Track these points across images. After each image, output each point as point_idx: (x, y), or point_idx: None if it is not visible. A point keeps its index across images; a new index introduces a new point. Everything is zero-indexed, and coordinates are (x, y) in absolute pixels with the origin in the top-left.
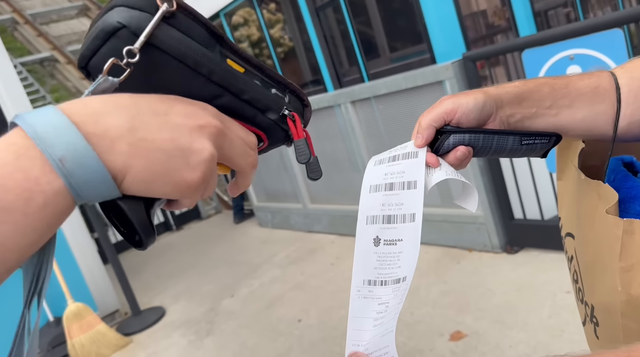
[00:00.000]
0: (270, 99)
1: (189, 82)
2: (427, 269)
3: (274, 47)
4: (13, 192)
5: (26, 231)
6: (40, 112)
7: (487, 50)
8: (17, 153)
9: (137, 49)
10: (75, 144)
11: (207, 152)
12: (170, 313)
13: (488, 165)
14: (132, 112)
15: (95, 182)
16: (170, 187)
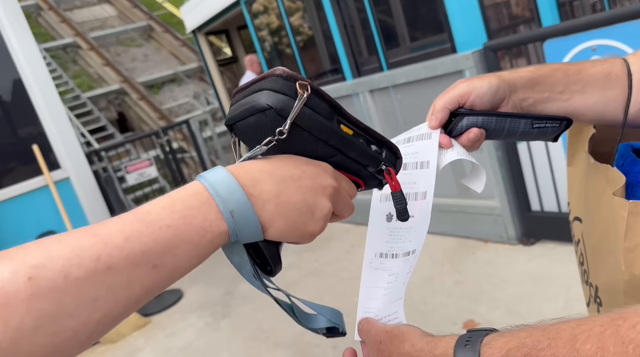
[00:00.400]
0: (370, 155)
1: (313, 146)
2: (441, 259)
3: (293, 36)
4: (194, 228)
5: (193, 258)
6: (217, 173)
7: (508, 40)
8: (201, 201)
9: (286, 130)
10: (242, 202)
11: (327, 209)
12: (188, 296)
13: (506, 156)
14: (278, 180)
15: (250, 230)
16: (298, 235)
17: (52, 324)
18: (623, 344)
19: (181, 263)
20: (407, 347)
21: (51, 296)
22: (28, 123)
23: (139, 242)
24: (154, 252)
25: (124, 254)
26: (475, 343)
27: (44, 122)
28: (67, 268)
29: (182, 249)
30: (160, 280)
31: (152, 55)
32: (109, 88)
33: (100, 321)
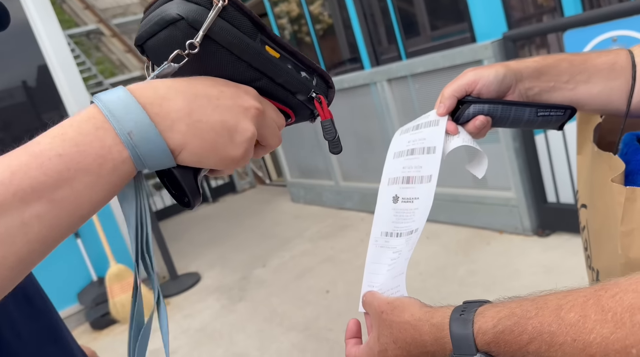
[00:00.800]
0: (300, 82)
1: (233, 67)
2: (455, 248)
3: (313, 24)
4: (91, 157)
5: (96, 190)
6: (114, 92)
7: (527, 30)
8: (95, 125)
9: (197, 43)
10: (142, 122)
11: (249, 132)
12: (205, 279)
13: (523, 147)
14: (190, 97)
15: (156, 154)
16: (217, 160)
17: None
18: (603, 312)
19: (83, 196)
20: (406, 317)
21: None
22: (53, 108)
23: (27, 176)
24: (46, 186)
25: (11, 191)
26: (470, 313)
27: (69, 107)
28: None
29: (79, 180)
30: (60, 215)
31: None
32: (131, 75)
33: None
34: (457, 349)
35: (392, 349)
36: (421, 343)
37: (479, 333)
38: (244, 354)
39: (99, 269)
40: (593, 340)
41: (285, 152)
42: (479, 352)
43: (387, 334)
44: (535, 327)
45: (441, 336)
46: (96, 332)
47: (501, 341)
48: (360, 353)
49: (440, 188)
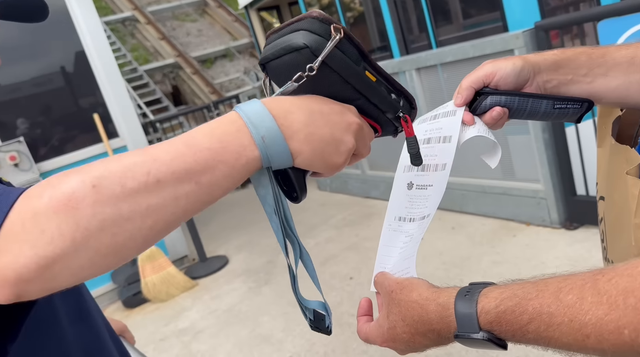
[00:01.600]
0: (390, 102)
1: (339, 88)
2: (480, 239)
3: (343, 12)
4: (230, 152)
5: (229, 179)
6: (252, 104)
7: (560, 19)
8: (237, 128)
9: (316, 67)
10: (273, 129)
11: (351, 144)
12: (233, 262)
13: (553, 138)
14: (308, 113)
15: (281, 155)
16: (323, 166)
17: (113, 226)
18: (599, 295)
19: (219, 182)
20: (414, 296)
21: (111, 202)
22: (89, 93)
23: (183, 161)
24: (195, 171)
25: (170, 170)
26: (474, 293)
27: (105, 92)
28: (123, 180)
29: (219, 169)
30: (201, 195)
31: (206, 30)
32: (164, 62)
33: (152, 226)
34: (461, 327)
35: (401, 327)
36: (427, 321)
37: (482, 312)
38: (269, 335)
39: None
40: (588, 321)
41: None
42: (481, 331)
43: (396, 312)
44: (535, 308)
45: (446, 315)
46: (128, 311)
47: (503, 321)
48: (371, 329)
49: (467, 179)
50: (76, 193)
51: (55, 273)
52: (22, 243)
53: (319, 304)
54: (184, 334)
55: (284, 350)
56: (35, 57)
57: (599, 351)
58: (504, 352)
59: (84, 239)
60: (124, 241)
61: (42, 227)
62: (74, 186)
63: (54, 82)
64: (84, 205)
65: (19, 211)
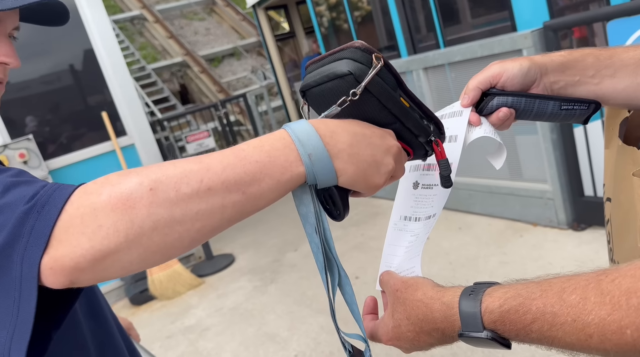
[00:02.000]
0: (422, 127)
1: (378, 112)
2: (488, 240)
3: (351, 11)
4: (277, 166)
5: (274, 191)
6: (300, 124)
7: (569, 19)
8: (284, 144)
9: (359, 92)
10: (319, 148)
11: (391, 166)
12: (239, 260)
13: (561, 139)
14: (351, 134)
15: (326, 173)
16: (364, 185)
17: (165, 226)
18: (602, 295)
19: (264, 194)
20: (419, 295)
21: (165, 205)
22: (98, 91)
23: (233, 172)
24: (244, 181)
25: (221, 180)
26: (479, 293)
27: (113, 91)
28: (178, 185)
29: (265, 182)
30: (246, 205)
31: (214, 29)
32: (172, 60)
33: (200, 230)
34: (465, 326)
35: (405, 325)
36: (432, 320)
37: (486, 312)
38: (274, 333)
39: None
40: (591, 321)
41: None
42: (485, 330)
43: (401, 310)
44: (539, 307)
45: (451, 314)
46: (134, 308)
47: (506, 320)
48: (376, 327)
49: (474, 179)
50: (134, 194)
51: (107, 265)
52: (80, 235)
53: (358, 337)
54: (190, 331)
55: (289, 349)
56: (44, 55)
57: (602, 351)
58: (510, 353)
59: (137, 236)
60: (172, 241)
61: (99, 222)
62: (132, 187)
63: (62, 80)
64: (141, 205)
65: (77, 206)
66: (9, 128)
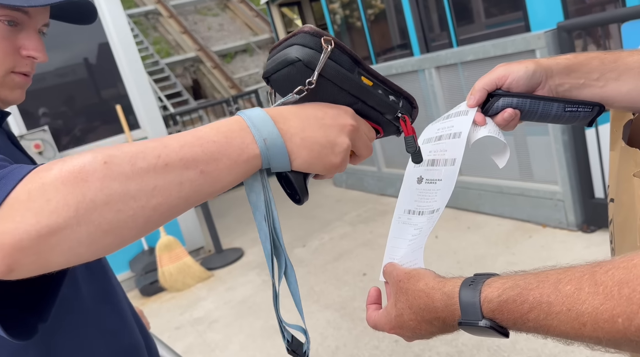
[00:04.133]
0: (388, 104)
1: (336, 95)
2: (496, 240)
3: (364, 9)
4: (233, 147)
5: (231, 172)
6: (254, 111)
7: (583, 20)
8: (240, 127)
9: (314, 81)
10: (273, 133)
11: (345, 144)
12: (248, 255)
13: (572, 140)
14: (303, 118)
15: (280, 157)
16: (321, 166)
17: (119, 202)
18: (595, 285)
19: (222, 174)
20: (421, 285)
21: (120, 179)
22: (112, 85)
23: (191, 150)
24: (202, 160)
25: (179, 156)
26: (478, 283)
27: (127, 84)
28: (134, 159)
29: (223, 162)
30: (204, 185)
31: (227, 25)
32: (186, 55)
33: (155, 208)
34: (465, 314)
35: (407, 314)
36: (433, 309)
37: (485, 301)
38: None
39: (150, 238)
40: (585, 310)
41: None
42: (484, 319)
43: (403, 300)
44: (536, 297)
45: (451, 303)
46: (144, 299)
47: (505, 309)
48: (379, 317)
49: (485, 179)
50: (87, 167)
51: (53, 244)
52: (25, 211)
53: (300, 329)
54: (199, 323)
55: None
56: (60, 48)
57: (595, 339)
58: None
59: (87, 211)
60: (126, 219)
61: (48, 196)
62: (85, 161)
63: (77, 73)
64: (93, 178)
65: (26, 183)
66: (25, 119)
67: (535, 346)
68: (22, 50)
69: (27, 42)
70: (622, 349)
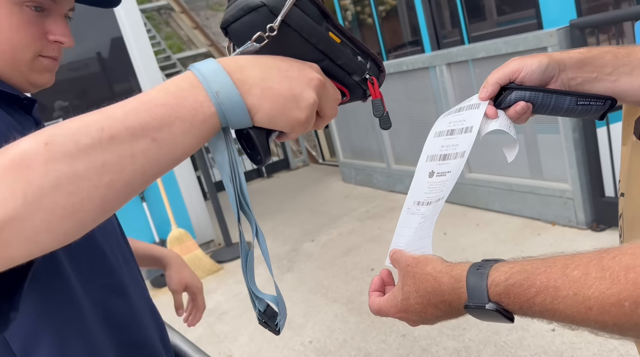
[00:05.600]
0: (356, 64)
1: (302, 48)
2: (505, 237)
3: (375, 5)
4: (186, 108)
5: (189, 136)
6: (206, 62)
7: (596, 18)
8: (191, 84)
9: (276, 26)
10: (226, 84)
11: (312, 99)
12: (257, 248)
13: (583, 138)
14: (264, 68)
15: (237, 111)
16: (285, 122)
17: (68, 184)
18: (602, 270)
19: (178, 139)
20: (428, 269)
21: (64, 160)
22: (125, 79)
23: (138, 116)
24: (152, 127)
25: (124, 125)
26: (486, 268)
27: (140, 79)
28: (77, 136)
29: (176, 126)
30: (160, 154)
31: None
32: (197, 51)
33: (109, 185)
34: (472, 298)
35: (414, 297)
36: (440, 292)
37: (492, 285)
38: (290, 320)
39: (161, 231)
40: (592, 294)
41: (339, 133)
42: (490, 302)
43: (410, 283)
44: (543, 282)
45: (458, 287)
46: (155, 290)
47: (511, 293)
48: (385, 301)
49: (494, 176)
50: (28, 152)
51: (8, 236)
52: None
53: (272, 298)
54: (209, 314)
55: (304, 335)
56: (75, 42)
57: (601, 323)
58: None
59: (36, 198)
60: (80, 201)
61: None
62: (26, 146)
63: (89, 67)
64: (37, 163)
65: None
66: (40, 112)
67: (542, 342)
68: (49, 35)
69: (53, 27)
70: (627, 334)
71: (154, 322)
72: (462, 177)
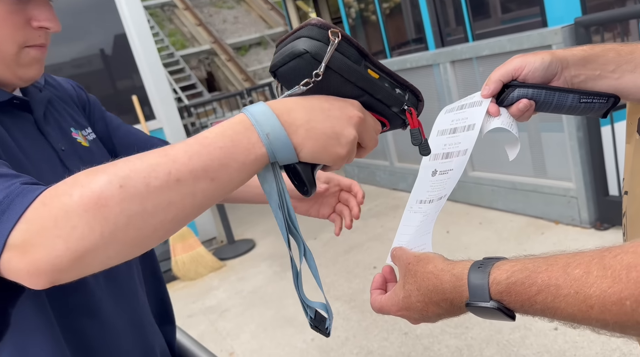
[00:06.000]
0: (394, 97)
1: (343, 87)
2: (508, 235)
3: (379, 3)
4: (240, 149)
5: (241, 174)
6: (257, 106)
7: (601, 16)
8: (245, 127)
9: (321, 72)
10: (276, 126)
11: (352, 136)
12: (260, 246)
13: (587, 137)
14: (308, 110)
15: (285, 150)
16: (328, 157)
17: (139, 221)
18: (604, 269)
19: (232, 177)
20: (430, 267)
21: (137, 200)
22: (128, 76)
23: (200, 160)
24: (211, 168)
25: (188, 169)
26: (487, 266)
27: (144, 75)
28: (147, 180)
29: (232, 166)
30: (216, 190)
31: (242, 18)
32: (200, 48)
33: (173, 220)
34: (473, 296)
35: (415, 295)
36: (441, 290)
37: (494, 283)
38: (292, 317)
39: None
40: (593, 293)
41: None
42: (491, 300)
43: (411, 281)
44: (544, 280)
45: (460, 285)
46: None
47: (513, 291)
48: (386, 299)
49: (498, 175)
50: (105, 192)
51: (86, 263)
52: (55, 238)
53: (321, 305)
54: (211, 311)
55: (306, 332)
56: (76, 39)
57: (602, 322)
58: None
59: (111, 233)
60: (148, 233)
61: (73, 223)
62: (102, 186)
63: (92, 64)
64: (112, 203)
65: (50, 208)
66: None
67: (544, 342)
68: (33, 21)
69: (36, 12)
70: (628, 332)
71: (140, 340)
72: (465, 176)
